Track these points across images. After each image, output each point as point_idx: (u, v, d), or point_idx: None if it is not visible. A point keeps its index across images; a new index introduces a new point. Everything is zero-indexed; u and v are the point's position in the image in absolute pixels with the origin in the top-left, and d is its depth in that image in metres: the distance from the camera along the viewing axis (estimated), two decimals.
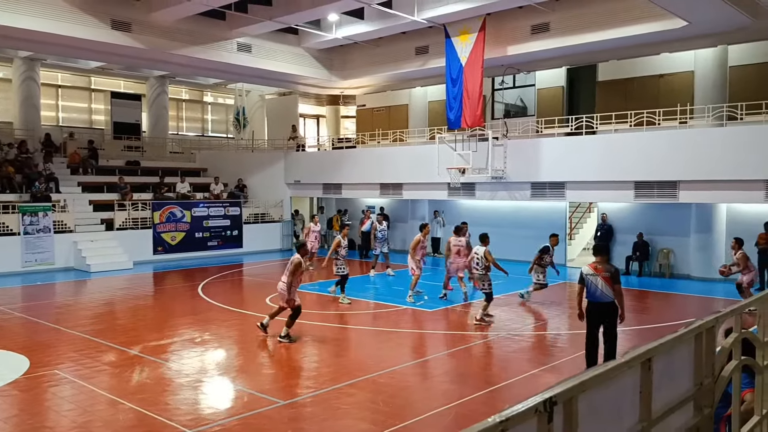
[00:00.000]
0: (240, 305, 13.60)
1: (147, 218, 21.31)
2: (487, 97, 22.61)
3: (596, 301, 8.24)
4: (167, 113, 27.68)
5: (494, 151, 18.85)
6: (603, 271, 8.17)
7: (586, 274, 8.30)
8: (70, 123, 25.65)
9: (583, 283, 8.37)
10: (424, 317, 12.65)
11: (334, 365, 9.18)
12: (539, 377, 8.55)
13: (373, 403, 7.63)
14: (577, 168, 17.68)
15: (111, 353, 9.72)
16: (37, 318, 12.18)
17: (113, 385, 8.20)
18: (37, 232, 18.73)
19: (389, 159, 22.42)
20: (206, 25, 20.51)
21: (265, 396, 7.74)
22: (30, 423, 6.92)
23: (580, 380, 2.13)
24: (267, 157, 26.32)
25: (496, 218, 20.56)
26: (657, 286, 16.47)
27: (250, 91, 28.48)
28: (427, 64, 22.19)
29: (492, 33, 19.47)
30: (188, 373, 8.82)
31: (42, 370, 8.73)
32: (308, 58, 24.03)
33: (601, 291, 8.16)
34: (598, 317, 8.31)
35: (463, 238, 14.09)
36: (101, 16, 18.23)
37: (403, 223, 24.34)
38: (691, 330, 3.14)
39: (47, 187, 20.14)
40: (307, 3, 18.49)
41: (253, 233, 23.99)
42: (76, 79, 26.11)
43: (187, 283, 16.99)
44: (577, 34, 18.43)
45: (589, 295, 8.29)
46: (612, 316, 8.26)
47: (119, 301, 14.87)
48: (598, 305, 8.24)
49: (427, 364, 9.22)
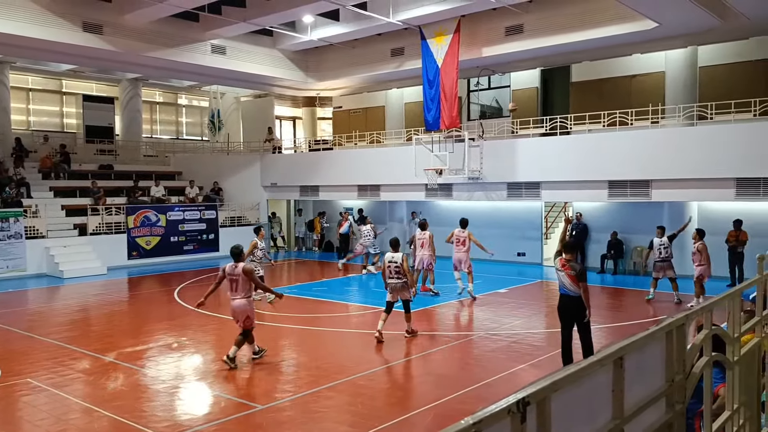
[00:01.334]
0: (217, 310, 13.47)
1: (121, 223, 21.02)
2: (462, 98, 22.74)
3: (563, 294, 8.53)
4: (141, 116, 27.33)
5: (470, 152, 18.97)
6: (569, 269, 8.38)
7: (556, 269, 8.60)
8: (41, 127, 25.21)
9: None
10: (403, 318, 12.63)
11: (312, 368, 9.14)
12: (518, 376, 8.62)
13: (352, 405, 7.61)
14: (552, 168, 17.87)
15: (85, 360, 9.57)
16: (9, 326, 11.94)
17: (88, 393, 8.08)
18: (8, 238, 18.37)
19: (366, 160, 22.42)
20: (179, 27, 20.30)
21: (243, 401, 7.69)
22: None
23: (553, 380, 2.15)
24: (243, 160, 26.14)
25: (474, 218, 20.56)
26: (631, 284, 16.70)
27: (225, 93, 28.26)
28: (403, 66, 22.24)
29: (467, 34, 19.59)
30: (165, 379, 8.72)
31: (14, 379, 8.56)
32: (283, 60, 23.93)
33: (566, 286, 8.41)
34: (565, 310, 8.54)
35: (427, 233, 14.69)
36: (72, 18, 17.94)
37: (382, 225, 24.32)
38: (662, 327, 3.19)
39: (18, 192, 19.76)
40: (282, 4, 18.42)
41: (229, 237, 23.71)
42: (47, 83, 25.68)
43: (162, 288, 16.80)
44: (551, 35, 18.63)
45: (559, 288, 8.61)
46: (580, 311, 8.43)
47: (93, 307, 14.65)
48: (564, 298, 8.51)
49: (406, 365, 9.24)
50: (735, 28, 16.42)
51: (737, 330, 4.00)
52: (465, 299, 14.25)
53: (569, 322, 8.55)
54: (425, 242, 14.54)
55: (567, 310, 8.52)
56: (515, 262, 20.02)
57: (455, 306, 13.88)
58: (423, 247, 14.57)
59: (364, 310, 13.56)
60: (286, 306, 14.04)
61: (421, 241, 14.66)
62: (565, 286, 8.45)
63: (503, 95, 22.72)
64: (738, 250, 15.60)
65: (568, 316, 8.53)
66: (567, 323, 8.57)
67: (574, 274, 8.32)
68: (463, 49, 19.47)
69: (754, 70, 17.33)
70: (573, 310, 8.45)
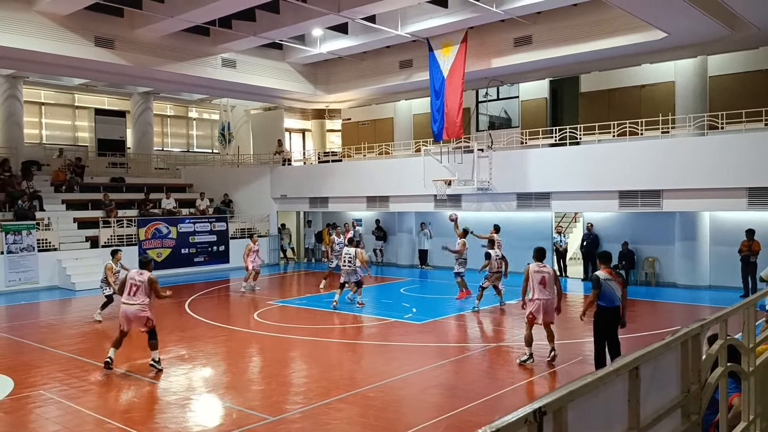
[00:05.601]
0: (227, 321, 13.51)
1: (132, 235, 21.14)
2: (471, 109, 22.79)
3: (611, 306, 8.49)
4: (152, 129, 27.56)
5: (479, 162, 18.97)
6: (617, 277, 8.59)
7: (604, 279, 8.52)
8: (53, 140, 25.46)
9: (599, 288, 8.51)
10: (413, 330, 12.63)
11: (322, 380, 9.13)
12: (529, 388, 8.57)
13: (362, 417, 7.59)
14: (562, 178, 17.83)
15: (97, 372, 9.60)
16: (22, 338, 12.01)
17: (100, 405, 8.10)
18: (21, 250, 18.52)
19: (375, 172, 22.47)
20: (190, 41, 20.50)
21: (254, 412, 7.68)
22: None
23: (569, 390, 2.14)
24: (253, 172, 26.27)
25: (483, 229, 20.60)
26: (643, 295, 16.58)
27: (235, 106, 28.46)
28: (412, 78, 22.33)
29: (475, 46, 19.66)
30: (176, 390, 8.73)
31: (27, 391, 8.60)
32: (293, 73, 24.09)
33: (616, 295, 8.47)
34: (609, 323, 8.53)
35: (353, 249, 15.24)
36: (85, 33, 18.16)
37: (391, 236, 24.36)
38: (677, 337, 3.18)
39: (31, 205, 19.93)
40: (291, 18, 18.58)
41: (239, 248, 23.74)
42: (60, 97, 25.95)
43: (173, 300, 16.82)
44: (560, 46, 18.66)
45: (605, 300, 8.51)
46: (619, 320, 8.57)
47: (105, 319, 14.71)
48: (613, 310, 8.50)
49: (417, 377, 9.20)
50: (745, 37, 16.38)
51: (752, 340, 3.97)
52: (472, 311, 14.21)
53: (607, 329, 8.57)
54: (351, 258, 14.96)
55: (608, 323, 8.51)
56: None
57: (466, 317, 13.83)
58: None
59: (374, 321, 13.54)
60: (296, 317, 14.06)
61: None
62: (613, 297, 8.46)
63: (512, 106, 22.74)
64: (751, 260, 15.49)
65: (608, 326, 8.52)
66: (605, 330, 8.58)
67: (622, 281, 8.53)
68: (472, 61, 19.53)
69: (765, 79, 17.26)
70: (616, 321, 8.52)
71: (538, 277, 9.55)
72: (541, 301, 9.55)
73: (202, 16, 17.90)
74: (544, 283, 9.55)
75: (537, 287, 9.55)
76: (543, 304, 9.54)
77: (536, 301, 9.56)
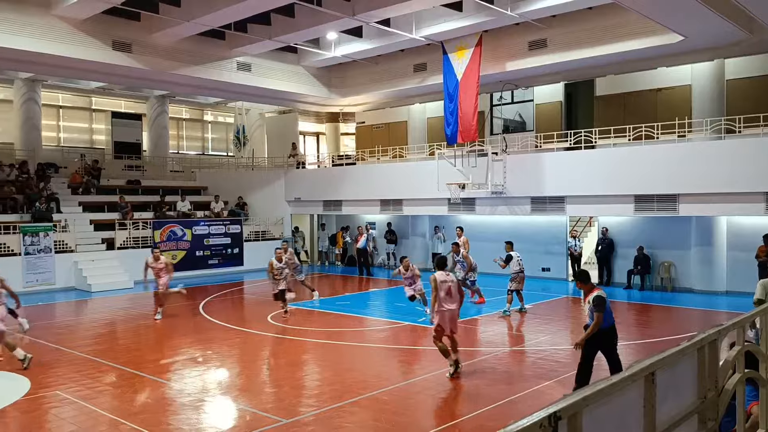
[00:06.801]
0: (241, 323, 13.56)
1: (148, 237, 21.31)
2: (485, 112, 22.74)
3: (609, 326, 8.07)
4: (167, 132, 27.80)
5: (493, 166, 18.91)
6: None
7: (607, 299, 8.04)
8: (71, 143, 25.75)
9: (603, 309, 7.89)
10: (426, 333, 12.59)
11: (336, 383, 9.13)
12: (544, 393, 8.51)
13: (376, 420, 7.58)
14: (576, 182, 17.73)
15: (112, 373, 9.68)
16: (38, 338, 12.14)
17: (115, 406, 8.16)
18: (38, 252, 18.73)
19: (389, 175, 22.48)
20: (206, 44, 20.67)
21: (268, 415, 7.70)
22: None
23: (584, 395, 2.13)
24: (267, 175, 26.40)
25: (496, 233, 20.55)
26: (658, 300, 16.43)
27: (249, 109, 28.62)
28: (426, 81, 22.33)
29: (490, 49, 19.63)
30: (190, 392, 8.78)
31: (43, 392, 8.69)
32: (307, 77, 24.19)
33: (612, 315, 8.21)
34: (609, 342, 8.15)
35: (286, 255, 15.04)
36: (102, 36, 18.37)
37: (405, 239, 24.34)
38: (693, 343, 3.14)
39: (48, 207, 20.17)
40: (306, 22, 18.66)
41: (253, 251, 23.96)
42: (77, 100, 26.25)
43: (188, 302, 16.94)
44: (575, 49, 18.58)
45: (608, 320, 8.01)
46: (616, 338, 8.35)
47: (120, 320, 14.84)
48: (611, 329, 8.12)
49: (430, 381, 9.17)
50: (763, 40, 16.21)
51: None
52: (483, 315, 14.15)
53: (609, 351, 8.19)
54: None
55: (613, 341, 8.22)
56: (539, 278, 19.82)
57: (480, 322, 13.78)
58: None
59: (387, 325, 13.53)
60: (308, 320, 14.09)
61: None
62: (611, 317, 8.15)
63: (526, 109, 22.66)
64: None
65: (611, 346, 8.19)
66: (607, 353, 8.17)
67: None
68: (486, 64, 19.50)
69: None
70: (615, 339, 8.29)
71: (444, 287, 9.22)
72: (450, 311, 9.24)
73: (218, 20, 18.04)
74: (450, 293, 9.26)
75: (444, 297, 9.21)
76: (451, 314, 9.25)
77: (445, 312, 9.21)
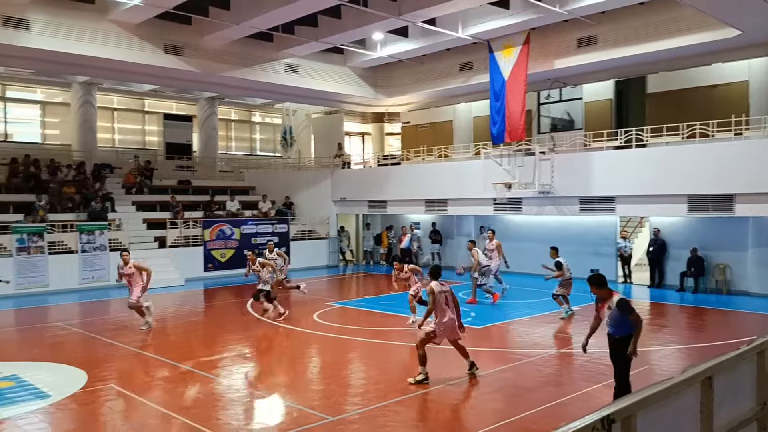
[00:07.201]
0: (288, 321, 13.74)
1: (198, 236, 21.82)
2: (532, 111, 22.44)
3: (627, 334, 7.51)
4: (217, 133, 28.39)
5: (541, 165, 18.64)
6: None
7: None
8: (125, 144, 26.56)
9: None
10: (472, 334, 12.50)
11: (381, 382, 9.16)
12: (593, 396, 8.34)
13: (421, 420, 7.57)
14: (627, 181, 17.31)
15: (164, 368, 9.95)
16: (94, 334, 12.57)
17: (166, 400, 8.38)
18: (94, 250, 19.39)
19: (434, 175, 22.41)
20: (255, 47, 21.05)
21: (314, 412, 7.77)
22: None
23: (639, 398, 2.08)
24: (313, 175, 26.68)
25: (542, 233, 20.26)
26: (713, 303, 15.89)
27: (296, 110, 28.98)
28: (472, 80, 22.18)
29: (537, 47, 19.35)
30: (238, 388, 8.95)
31: (99, 385, 8.99)
32: (353, 77, 24.35)
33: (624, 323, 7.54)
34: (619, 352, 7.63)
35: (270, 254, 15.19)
36: (155, 40, 18.92)
37: (450, 239, 24.24)
38: (753, 347, 3.03)
39: (103, 206, 20.86)
40: (353, 23, 18.79)
41: (300, 250, 24.25)
42: (131, 102, 27.06)
43: (236, 300, 17.28)
44: (625, 46, 18.17)
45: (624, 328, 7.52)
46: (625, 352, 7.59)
47: (171, 317, 15.22)
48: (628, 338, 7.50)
49: (476, 382, 9.11)
50: None
51: None
52: (531, 317, 13.96)
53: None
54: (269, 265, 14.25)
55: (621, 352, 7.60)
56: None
57: (527, 323, 13.60)
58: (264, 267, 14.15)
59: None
60: (354, 319, 14.18)
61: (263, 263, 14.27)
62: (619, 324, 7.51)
63: (575, 107, 22.25)
64: None
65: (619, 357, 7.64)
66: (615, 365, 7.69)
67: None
68: (534, 62, 19.23)
69: None
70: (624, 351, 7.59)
71: (443, 298, 8.97)
72: (450, 320, 8.98)
73: (267, 23, 18.34)
74: (448, 302, 9.01)
75: (444, 307, 8.94)
76: (451, 324, 9.01)
77: (447, 322, 8.94)
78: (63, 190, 20.88)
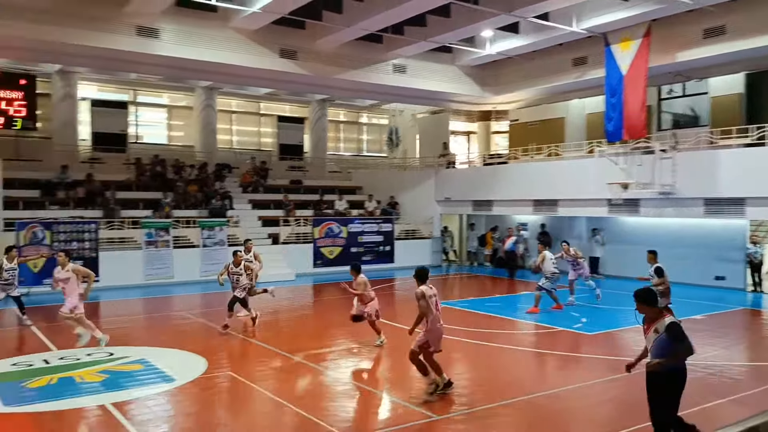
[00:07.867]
0: (393, 318, 13.86)
1: (308, 233, 22.55)
2: (652, 107, 21.25)
3: (684, 368, 6.50)
4: (326, 135, 29.18)
5: (661, 164, 17.59)
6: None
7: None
8: (241, 146, 27.92)
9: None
10: (583, 340, 12.05)
11: (486, 384, 9.03)
12: (715, 411, 7.76)
13: (530, 425, 7.38)
14: (759, 182, 15.93)
15: (277, 359, 10.36)
16: (214, 323, 13.29)
17: (279, 389, 8.72)
18: (214, 244, 20.54)
19: (543, 174, 21.75)
20: (364, 49, 21.45)
21: (419, 409, 7.79)
22: (206, 419, 7.56)
23: None
24: (418, 175, 26.77)
25: (661, 236, 19.08)
26: None
27: (403, 110, 29.21)
28: (585, 76, 21.37)
29: (658, 39, 18.27)
30: (346, 381, 9.14)
31: (218, 371, 9.52)
32: (461, 76, 24.20)
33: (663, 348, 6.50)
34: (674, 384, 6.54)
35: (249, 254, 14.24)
36: (271, 45, 19.78)
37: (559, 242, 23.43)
38: None
39: (223, 204, 22.09)
40: (462, 21, 18.66)
41: (403, 249, 24.43)
42: (248, 105, 28.40)
43: (344, 296, 17.62)
44: (758, 35, 16.83)
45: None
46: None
47: (284, 310, 15.83)
48: (684, 372, 6.49)
49: (587, 389, 8.75)
50: None
51: None
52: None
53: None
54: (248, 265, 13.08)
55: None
56: (713, 287, 18.09)
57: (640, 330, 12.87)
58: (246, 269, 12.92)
59: (541, 330, 13.11)
60: (457, 319, 14.06)
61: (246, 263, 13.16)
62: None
63: (700, 103, 20.83)
64: None
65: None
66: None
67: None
68: (654, 55, 18.17)
69: None
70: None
71: (434, 302, 8.25)
72: (441, 327, 8.29)
73: (377, 24, 18.63)
74: (438, 307, 8.28)
75: (435, 314, 8.20)
76: (442, 331, 8.31)
77: (440, 329, 8.25)
78: (187, 188, 22.32)
